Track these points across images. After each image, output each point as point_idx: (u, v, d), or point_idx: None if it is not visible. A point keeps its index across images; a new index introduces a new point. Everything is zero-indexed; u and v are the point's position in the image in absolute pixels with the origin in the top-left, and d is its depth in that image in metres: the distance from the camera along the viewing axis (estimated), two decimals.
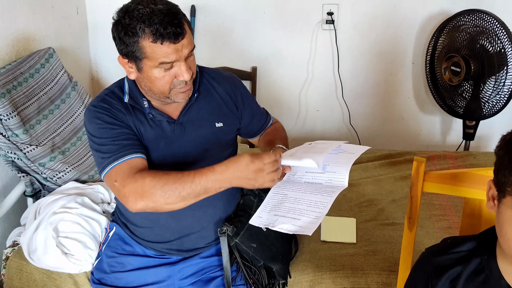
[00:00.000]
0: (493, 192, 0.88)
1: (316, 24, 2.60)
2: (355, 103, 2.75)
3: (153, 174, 1.19)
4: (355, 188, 2.00)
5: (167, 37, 1.15)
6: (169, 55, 1.17)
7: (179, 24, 1.16)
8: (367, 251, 1.58)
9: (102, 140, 1.26)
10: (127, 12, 1.17)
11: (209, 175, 1.16)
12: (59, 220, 1.56)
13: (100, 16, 2.60)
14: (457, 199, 1.87)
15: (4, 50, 1.84)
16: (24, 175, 1.76)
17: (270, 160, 1.15)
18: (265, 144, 1.45)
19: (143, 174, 1.20)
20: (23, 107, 1.77)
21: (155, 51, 1.16)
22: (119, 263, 1.43)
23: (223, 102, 1.39)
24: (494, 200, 0.88)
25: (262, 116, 1.53)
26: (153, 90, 1.25)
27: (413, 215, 1.26)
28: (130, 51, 1.19)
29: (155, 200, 1.17)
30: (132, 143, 1.26)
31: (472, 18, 2.32)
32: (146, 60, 1.19)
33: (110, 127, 1.26)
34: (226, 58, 2.66)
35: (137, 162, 1.24)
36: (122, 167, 1.22)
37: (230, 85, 1.42)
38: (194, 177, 1.17)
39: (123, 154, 1.23)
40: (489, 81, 2.30)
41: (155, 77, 1.21)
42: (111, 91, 1.33)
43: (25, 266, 1.56)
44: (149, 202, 1.18)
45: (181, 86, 1.23)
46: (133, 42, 1.17)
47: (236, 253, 1.37)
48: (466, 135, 2.56)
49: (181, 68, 1.20)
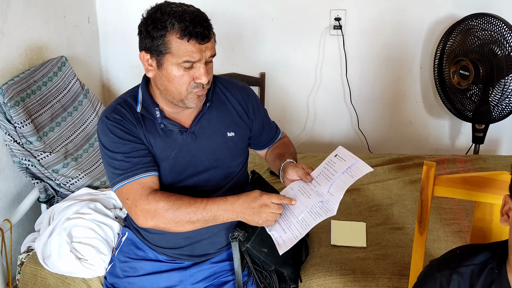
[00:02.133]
0: (508, 208, 0.87)
1: (324, 30, 2.62)
2: (363, 108, 2.75)
3: (166, 198, 1.25)
4: (364, 192, 2.01)
5: (195, 35, 1.18)
6: (193, 54, 1.19)
7: (207, 27, 1.21)
8: (378, 255, 1.59)
9: (114, 154, 1.28)
10: (159, 8, 1.22)
11: (221, 204, 1.25)
12: (73, 225, 1.59)
13: (110, 25, 2.64)
14: (468, 203, 1.87)
15: (17, 59, 1.88)
16: (38, 182, 1.79)
17: (277, 200, 1.24)
18: (274, 158, 1.47)
19: (156, 197, 1.25)
20: (36, 115, 1.81)
21: (180, 48, 1.19)
22: (131, 268, 1.45)
23: (235, 111, 1.41)
24: (508, 214, 0.87)
25: (272, 129, 1.55)
26: (169, 90, 1.25)
27: (423, 219, 1.26)
28: (155, 45, 1.20)
29: (165, 222, 1.25)
30: (143, 161, 1.29)
31: (480, 22, 2.32)
32: (169, 56, 1.20)
33: (122, 142, 1.29)
34: (235, 64, 2.69)
35: (149, 182, 1.28)
36: (134, 187, 1.27)
37: (243, 95, 1.44)
38: (207, 204, 1.25)
39: (135, 173, 1.27)
40: (498, 84, 2.29)
41: (174, 75, 1.22)
42: (124, 100, 1.35)
43: (40, 271, 1.58)
44: (159, 223, 1.26)
45: (198, 89, 1.25)
46: (160, 35, 1.19)
47: (248, 258, 1.38)
48: (476, 139, 2.55)
49: (201, 70, 1.22)
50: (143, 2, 2.57)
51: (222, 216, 1.25)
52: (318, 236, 1.69)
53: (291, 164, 1.36)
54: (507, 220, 0.87)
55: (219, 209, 1.24)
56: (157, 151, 1.33)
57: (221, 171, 1.39)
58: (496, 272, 0.89)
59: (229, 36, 2.61)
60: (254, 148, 1.58)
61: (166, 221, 1.25)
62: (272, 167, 1.50)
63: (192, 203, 1.24)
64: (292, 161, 1.39)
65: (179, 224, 1.25)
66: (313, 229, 1.71)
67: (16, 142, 1.73)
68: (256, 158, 2.31)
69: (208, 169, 1.37)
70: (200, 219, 1.24)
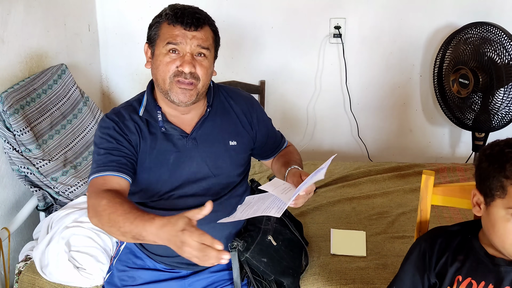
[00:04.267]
0: (477, 199, 1.06)
1: (324, 38, 2.62)
2: (363, 116, 2.75)
3: (110, 199, 1.16)
4: (364, 200, 2.00)
5: (180, 22, 1.26)
6: (176, 37, 1.26)
7: (197, 19, 1.27)
8: (378, 265, 1.58)
9: (98, 149, 1.31)
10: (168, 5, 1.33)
11: (146, 224, 1.06)
12: (71, 234, 1.58)
13: (111, 33, 2.65)
14: (467, 212, 1.86)
15: (17, 67, 1.88)
16: (37, 190, 1.79)
17: (195, 244, 0.97)
18: (280, 166, 1.46)
19: (105, 194, 1.18)
20: (36, 123, 1.81)
21: (167, 31, 1.27)
22: (130, 277, 1.44)
23: (238, 121, 1.42)
24: (479, 205, 1.05)
25: (277, 139, 1.55)
26: (157, 78, 1.30)
27: (423, 229, 1.26)
28: (152, 34, 1.31)
29: (103, 223, 1.15)
30: (119, 161, 1.27)
31: (480, 30, 2.33)
32: (158, 41, 1.29)
33: (108, 140, 1.30)
34: (235, 72, 2.69)
35: (113, 180, 1.24)
36: (98, 181, 1.25)
37: (247, 105, 1.44)
38: (136, 219, 1.08)
39: (105, 169, 1.26)
40: (498, 93, 2.29)
41: (160, 61, 1.28)
42: (130, 104, 1.38)
43: (38, 280, 1.57)
44: (98, 223, 1.17)
45: (180, 77, 1.27)
46: (156, 23, 1.30)
47: (247, 268, 1.37)
48: (476, 147, 2.55)
49: (185, 58, 1.27)
50: (144, 10, 2.61)
51: (147, 237, 1.06)
52: (317, 245, 1.68)
53: (291, 172, 1.36)
54: (479, 211, 1.06)
55: (144, 229, 1.06)
56: (157, 154, 1.33)
57: (221, 180, 1.39)
58: (469, 237, 1.10)
59: (229, 44, 2.62)
60: (260, 158, 1.58)
61: (104, 222, 1.14)
62: (278, 176, 1.49)
63: (127, 212, 1.11)
64: (297, 167, 1.39)
65: (113, 230, 1.12)
66: (312, 238, 1.72)
67: (15, 150, 1.72)
68: (256, 166, 2.31)
69: (207, 176, 1.36)
70: (128, 232, 1.09)
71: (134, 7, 2.58)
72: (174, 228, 1.00)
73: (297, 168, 1.37)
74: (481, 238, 1.09)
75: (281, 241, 1.44)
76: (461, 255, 1.08)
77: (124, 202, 1.15)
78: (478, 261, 1.06)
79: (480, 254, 1.07)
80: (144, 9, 2.57)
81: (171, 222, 1.01)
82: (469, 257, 1.07)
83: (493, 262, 1.05)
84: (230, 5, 2.58)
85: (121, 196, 1.20)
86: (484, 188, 1.03)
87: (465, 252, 1.08)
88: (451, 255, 1.09)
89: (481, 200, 1.05)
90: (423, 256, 1.12)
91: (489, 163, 1.02)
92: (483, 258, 1.06)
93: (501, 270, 1.04)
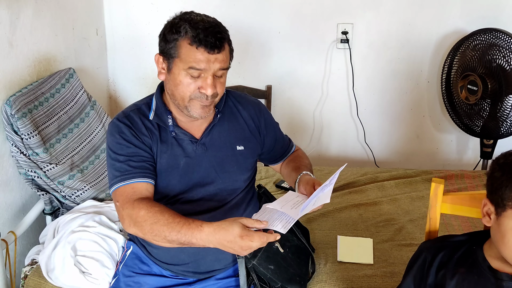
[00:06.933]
0: (488, 208, 1.04)
1: (331, 43, 2.62)
2: (370, 122, 2.74)
3: (148, 208, 1.20)
4: (371, 207, 1.99)
5: (204, 44, 1.20)
6: (199, 62, 1.21)
7: (220, 38, 1.22)
8: (385, 273, 1.56)
9: (117, 156, 1.29)
10: (180, 15, 1.25)
11: (195, 233, 1.13)
12: (77, 238, 1.58)
13: (118, 37, 2.66)
14: (477, 220, 1.84)
15: (26, 71, 1.89)
16: (44, 193, 1.79)
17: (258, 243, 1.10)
18: (290, 171, 1.46)
19: (141, 204, 1.21)
20: (43, 126, 1.81)
21: (188, 53, 1.21)
22: (136, 283, 1.43)
23: (246, 126, 1.41)
24: (489, 215, 1.03)
25: (285, 143, 1.55)
26: (174, 95, 1.27)
27: (431, 237, 1.25)
28: (167, 48, 1.24)
29: (144, 232, 1.20)
30: (142, 166, 1.29)
31: (488, 37, 2.31)
32: (178, 60, 1.23)
33: (127, 145, 1.29)
34: (242, 76, 2.69)
35: (141, 187, 1.26)
36: (127, 190, 1.25)
37: (255, 110, 1.44)
38: (182, 228, 1.14)
39: (131, 176, 1.27)
40: (507, 99, 2.28)
41: (180, 80, 1.24)
42: (138, 107, 1.36)
43: (43, 284, 1.57)
44: (139, 232, 1.21)
45: (201, 99, 1.25)
46: (174, 39, 1.22)
47: (254, 275, 1.36)
48: (484, 154, 2.53)
49: (207, 81, 1.23)
50: (151, 14, 2.62)
51: (197, 243, 1.14)
52: (324, 252, 1.67)
53: (304, 179, 1.35)
54: (489, 221, 1.04)
55: (193, 237, 1.13)
56: (167, 158, 1.33)
57: (227, 184, 1.38)
58: (473, 248, 1.08)
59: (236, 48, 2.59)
60: (268, 163, 1.58)
61: (145, 232, 1.19)
62: (287, 181, 1.49)
63: (170, 221, 1.16)
64: (309, 173, 1.38)
65: (157, 239, 1.18)
66: (319, 245, 1.70)
67: (23, 154, 1.73)
68: (263, 171, 2.30)
69: (215, 181, 1.36)
70: (175, 240, 1.15)
71: (142, 12, 2.59)
72: (229, 233, 1.09)
73: (309, 174, 1.37)
74: (486, 250, 1.07)
75: (288, 248, 1.43)
76: (463, 267, 1.07)
77: (164, 211, 1.19)
78: (479, 275, 1.04)
79: (483, 267, 1.05)
80: (152, 14, 2.58)
81: (224, 228, 1.10)
82: (472, 270, 1.05)
83: (496, 277, 1.03)
84: (237, 10, 2.58)
85: (157, 204, 1.23)
86: (496, 198, 1.01)
87: (467, 265, 1.07)
88: (452, 267, 1.07)
89: (491, 210, 1.03)
90: (421, 268, 1.11)
91: (503, 173, 1.00)
92: (486, 272, 1.04)
93: (503, 285, 1.02)
